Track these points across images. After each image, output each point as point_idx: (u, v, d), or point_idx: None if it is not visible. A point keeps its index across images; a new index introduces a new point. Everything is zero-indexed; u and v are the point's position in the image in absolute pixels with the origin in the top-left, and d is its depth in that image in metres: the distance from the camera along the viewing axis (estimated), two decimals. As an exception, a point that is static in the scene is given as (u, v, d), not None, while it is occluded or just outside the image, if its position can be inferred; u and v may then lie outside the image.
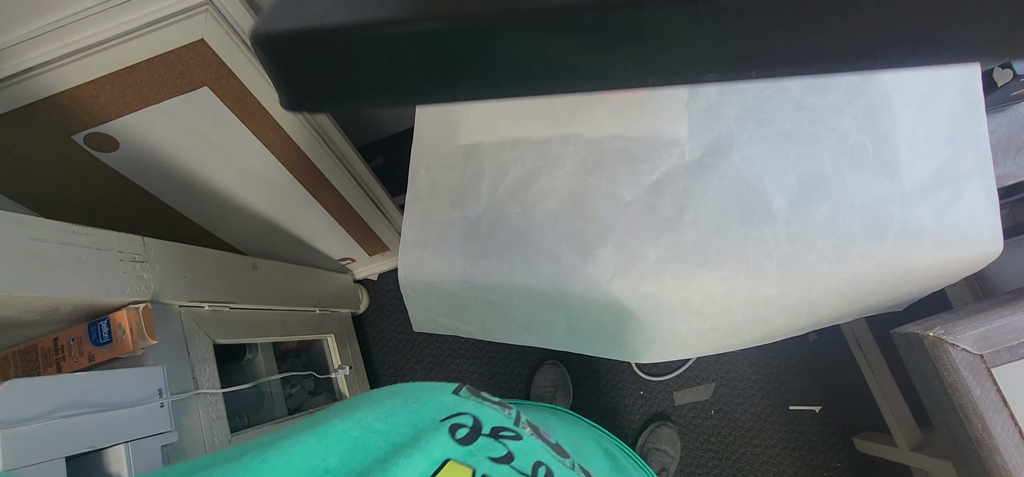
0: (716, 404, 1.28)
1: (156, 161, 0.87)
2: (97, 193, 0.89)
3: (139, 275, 0.69)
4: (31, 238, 0.57)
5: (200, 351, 0.77)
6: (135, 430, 0.61)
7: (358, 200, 1.11)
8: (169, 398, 0.66)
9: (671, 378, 1.30)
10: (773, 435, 1.24)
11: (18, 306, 0.59)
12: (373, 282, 1.46)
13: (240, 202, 1.03)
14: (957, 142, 0.45)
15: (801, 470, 1.22)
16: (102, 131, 0.79)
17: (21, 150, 0.78)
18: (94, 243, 0.64)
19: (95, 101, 0.74)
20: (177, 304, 0.75)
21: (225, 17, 0.73)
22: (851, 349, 1.19)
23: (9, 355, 0.70)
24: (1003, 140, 0.60)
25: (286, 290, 1.04)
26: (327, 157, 0.98)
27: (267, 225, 1.12)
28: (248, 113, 0.83)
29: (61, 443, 0.53)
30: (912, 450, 1.02)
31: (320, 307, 1.17)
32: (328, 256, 1.30)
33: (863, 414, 1.20)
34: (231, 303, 0.87)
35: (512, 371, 1.37)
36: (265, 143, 0.89)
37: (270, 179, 0.98)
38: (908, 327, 0.70)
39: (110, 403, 0.59)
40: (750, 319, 0.52)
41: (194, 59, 0.73)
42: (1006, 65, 0.53)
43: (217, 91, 0.78)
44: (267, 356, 1.03)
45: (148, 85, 0.74)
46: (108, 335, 0.66)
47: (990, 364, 0.63)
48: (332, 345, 1.22)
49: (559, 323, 0.60)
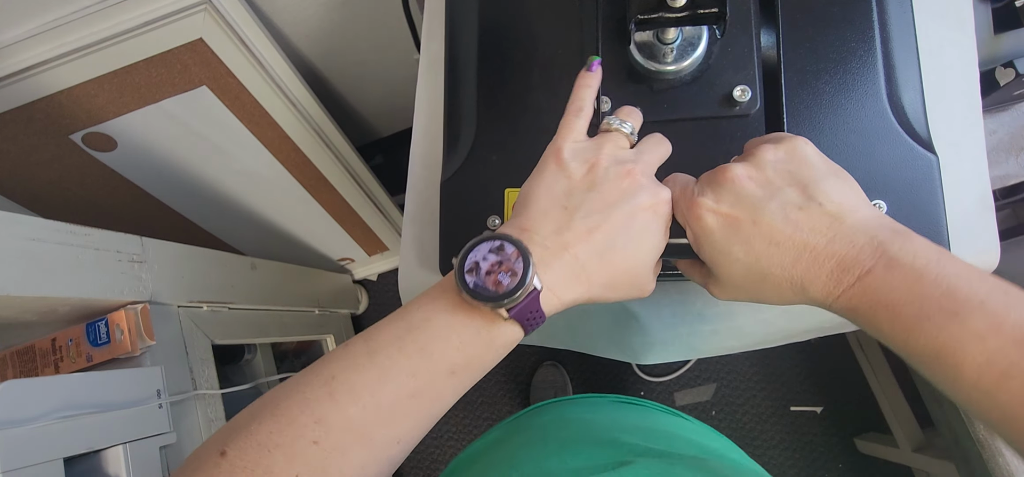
0: (717, 405, 1.27)
1: (154, 161, 0.87)
2: (95, 193, 0.89)
3: (137, 275, 0.69)
4: (29, 238, 0.57)
5: (198, 352, 0.76)
6: (133, 431, 0.60)
7: (357, 200, 1.10)
8: (167, 399, 0.66)
9: (672, 379, 1.30)
10: (774, 436, 1.23)
11: (16, 306, 0.59)
12: (372, 282, 1.46)
13: (239, 202, 1.02)
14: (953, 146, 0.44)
15: (803, 471, 1.21)
16: (100, 131, 0.79)
17: (19, 150, 0.78)
18: (92, 243, 0.63)
19: (93, 100, 0.74)
20: (175, 304, 0.75)
21: (224, 16, 0.73)
22: (853, 349, 1.19)
23: (7, 356, 0.70)
24: (1005, 140, 0.59)
25: (285, 290, 1.04)
26: (326, 157, 0.97)
27: (266, 225, 1.11)
28: (246, 112, 0.83)
29: (59, 444, 0.53)
30: (914, 451, 1.02)
31: (319, 307, 1.17)
32: (327, 256, 1.29)
33: (865, 415, 1.20)
34: (230, 303, 0.86)
35: (512, 371, 1.37)
36: (264, 142, 0.89)
37: (269, 178, 0.97)
38: (909, 327, 0.69)
39: (108, 404, 0.59)
40: (751, 321, 0.52)
41: (192, 58, 0.73)
42: (1008, 64, 0.53)
43: (216, 90, 0.78)
44: (266, 357, 1.03)
45: (146, 84, 0.74)
46: (106, 336, 0.65)
47: (992, 365, 0.63)
48: (331, 345, 1.22)
49: (559, 323, 0.59)
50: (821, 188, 0.29)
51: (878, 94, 0.41)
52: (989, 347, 0.23)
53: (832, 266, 0.27)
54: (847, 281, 0.27)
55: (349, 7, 0.89)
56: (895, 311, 0.25)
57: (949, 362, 0.24)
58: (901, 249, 0.26)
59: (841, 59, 0.42)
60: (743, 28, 0.43)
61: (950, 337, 0.24)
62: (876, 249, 0.27)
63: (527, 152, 0.45)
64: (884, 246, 0.27)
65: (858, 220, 0.28)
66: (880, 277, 0.26)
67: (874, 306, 0.26)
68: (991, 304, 0.24)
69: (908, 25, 0.43)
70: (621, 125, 0.33)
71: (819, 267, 0.28)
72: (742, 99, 0.42)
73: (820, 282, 0.28)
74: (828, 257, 0.27)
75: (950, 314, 0.24)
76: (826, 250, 0.27)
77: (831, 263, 0.27)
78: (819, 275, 0.28)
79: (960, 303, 0.24)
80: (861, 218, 0.28)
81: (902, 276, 0.26)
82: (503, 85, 0.47)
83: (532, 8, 0.48)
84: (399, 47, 1.01)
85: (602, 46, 0.43)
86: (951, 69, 0.45)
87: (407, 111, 0.61)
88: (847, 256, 0.27)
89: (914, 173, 0.40)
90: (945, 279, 0.25)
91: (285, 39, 0.90)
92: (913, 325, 0.25)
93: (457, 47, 0.50)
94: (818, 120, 0.41)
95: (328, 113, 0.95)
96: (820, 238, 0.28)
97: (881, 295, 0.26)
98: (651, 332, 0.54)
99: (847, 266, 0.27)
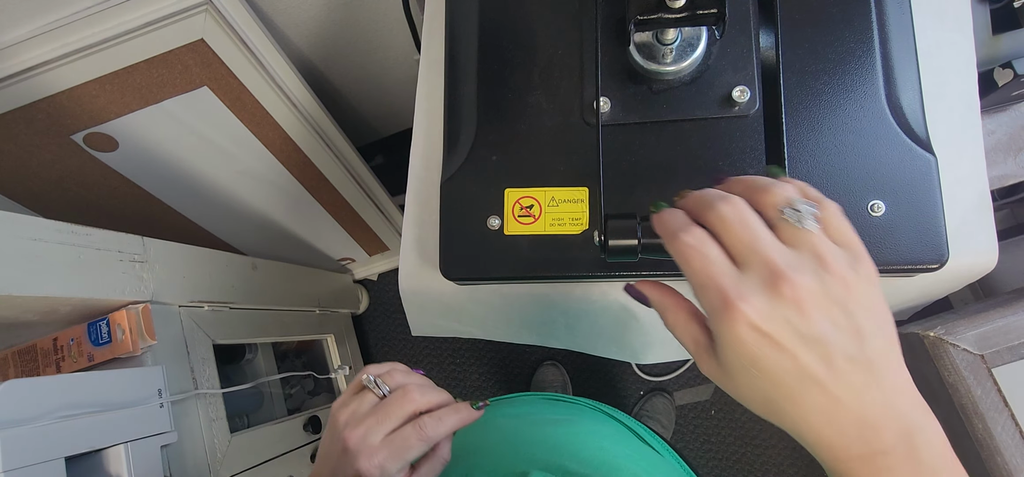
0: (716, 404, 1.28)
1: (155, 161, 0.87)
2: (96, 193, 0.89)
3: (138, 275, 0.69)
4: (30, 238, 0.57)
5: (199, 351, 0.76)
6: (134, 430, 0.61)
7: (358, 200, 1.11)
8: (168, 398, 0.66)
9: (671, 378, 1.30)
10: (773, 435, 1.24)
11: (17, 306, 0.59)
12: (373, 282, 1.46)
13: (240, 202, 1.02)
14: (952, 147, 0.44)
15: (801, 470, 1.22)
16: (101, 131, 0.79)
17: (20, 150, 0.78)
18: (93, 243, 0.63)
19: (94, 101, 0.74)
20: (176, 304, 0.75)
21: (224, 17, 0.73)
22: (851, 349, 1.19)
23: (8, 355, 0.70)
24: (1003, 140, 0.59)
25: (286, 290, 1.04)
26: (327, 157, 0.98)
27: (267, 225, 1.12)
28: (247, 113, 0.83)
29: (60, 443, 0.53)
30: (912, 450, 1.02)
31: (320, 307, 1.17)
32: (328, 256, 1.29)
33: (863, 414, 1.20)
34: (231, 303, 0.87)
35: (512, 371, 1.37)
36: (264, 143, 0.89)
37: (269, 179, 0.98)
38: (908, 327, 0.70)
39: (109, 403, 0.59)
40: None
41: (194, 59, 0.73)
42: (1007, 64, 0.53)
43: (217, 91, 0.78)
44: (267, 356, 1.03)
45: (148, 85, 0.74)
46: (107, 335, 0.66)
47: (991, 364, 0.63)
48: (332, 345, 1.22)
49: (559, 323, 0.60)
50: (874, 343, 0.24)
51: (877, 95, 0.41)
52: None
53: (852, 425, 0.24)
54: (858, 451, 0.24)
55: (350, 8, 0.89)
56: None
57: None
58: (927, 444, 0.24)
59: (840, 60, 0.42)
60: (742, 29, 0.43)
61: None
62: (903, 432, 0.24)
63: (527, 152, 0.45)
64: (911, 435, 0.24)
65: (894, 384, 0.25)
66: (895, 466, 0.24)
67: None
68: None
69: (907, 26, 0.43)
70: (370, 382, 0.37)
71: (840, 422, 0.24)
72: (741, 100, 0.42)
73: (833, 436, 0.24)
74: (854, 417, 0.24)
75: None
76: (855, 404, 0.24)
77: (855, 424, 0.24)
78: (833, 431, 0.24)
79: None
80: (897, 383, 0.25)
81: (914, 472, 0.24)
82: (503, 85, 0.47)
83: (532, 8, 0.48)
84: (399, 47, 1.01)
85: (601, 46, 0.43)
86: (949, 70, 0.46)
87: (407, 111, 0.61)
88: (874, 424, 0.24)
89: (913, 173, 0.40)
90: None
91: (286, 39, 0.90)
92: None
93: (457, 47, 0.50)
94: (817, 120, 0.42)
95: (329, 113, 0.95)
96: (852, 394, 0.24)
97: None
98: (651, 332, 0.55)
99: (867, 437, 0.24)
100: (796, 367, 0.24)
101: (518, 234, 0.44)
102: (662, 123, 0.43)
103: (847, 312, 0.24)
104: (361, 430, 0.34)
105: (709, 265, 0.25)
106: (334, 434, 0.36)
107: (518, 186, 0.45)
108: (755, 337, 0.24)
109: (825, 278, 0.24)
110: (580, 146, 0.44)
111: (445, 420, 0.36)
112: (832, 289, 0.24)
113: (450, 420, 0.36)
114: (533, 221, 0.44)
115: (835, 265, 0.24)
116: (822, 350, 0.24)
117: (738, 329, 0.24)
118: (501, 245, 0.44)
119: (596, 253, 0.43)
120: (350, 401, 0.36)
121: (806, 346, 0.24)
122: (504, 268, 0.44)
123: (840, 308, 0.24)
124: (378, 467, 0.33)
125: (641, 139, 0.44)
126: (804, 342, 0.24)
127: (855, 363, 0.24)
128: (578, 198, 0.44)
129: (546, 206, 0.44)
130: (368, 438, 0.34)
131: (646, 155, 0.43)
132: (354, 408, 0.36)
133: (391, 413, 0.35)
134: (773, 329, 0.24)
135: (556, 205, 0.44)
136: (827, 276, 0.24)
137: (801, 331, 0.24)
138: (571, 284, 0.51)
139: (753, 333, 0.24)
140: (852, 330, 0.24)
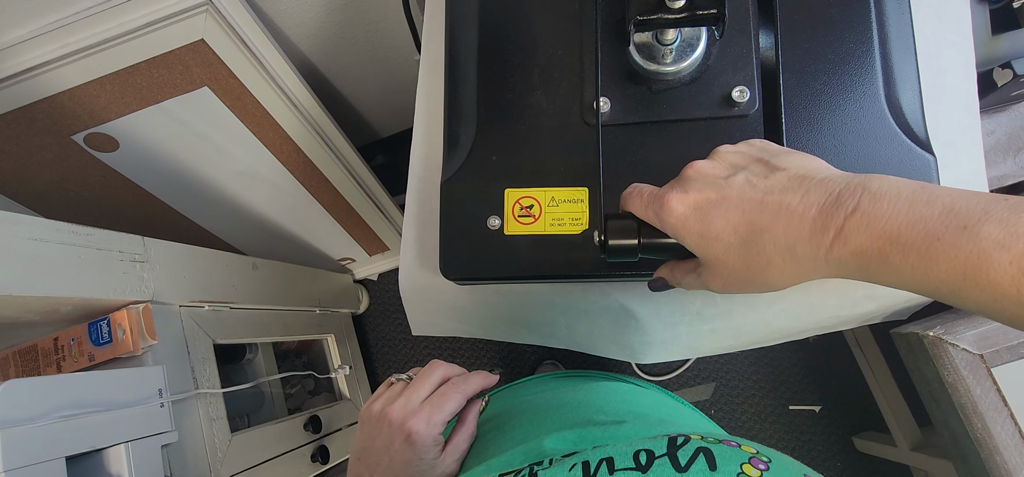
0: (716, 404, 1.28)
1: (156, 161, 0.87)
2: (97, 193, 0.89)
3: (139, 275, 0.69)
4: (31, 238, 0.57)
5: (200, 351, 0.77)
6: (135, 430, 0.61)
7: (358, 200, 1.11)
8: (169, 398, 0.66)
9: (671, 378, 1.30)
10: (773, 435, 1.24)
11: (18, 306, 0.59)
12: (373, 282, 1.46)
13: (240, 202, 1.03)
14: (951, 147, 0.45)
15: (801, 470, 1.22)
16: (102, 131, 0.79)
17: (21, 150, 0.78)
18: (94, 243, 0.64)
19: (95, 101, 0.74)
20: (177, 304, 0.75)
21: (225, 17, 0.73)
22: (851, 349, 1.19)
23: (9, 355, 0.70)
24: (1003, 140, 0.60)
25: (286, 290, 1.04)
26: (327, 157, 0.98)
27: (267, 225, 1.12)
28: (248, 113, 0.83)
29: (61, 443, 0.53)
30: (912, 450, 1.02)
31: (320, 307, 1.17)
32: (328, 256, 1.30)
33: (863, 414, 1.20)
34: (231, 303, 0.87)
35: (512, 371, 1.37)
36: (265, 143, 0.89)
37: (270, 179, 0.98)
38: (908, 327, 0.70)
39: (110, 403, 0.59)
40: (749, 321, 0.52)
41: (194, 59, 0.73)
42: (1006, 65, 0.53)
43: (217, 91, 0.78)
44: (267, 356, 1.03)
45: (148, 85, 0.74)
46: (108, 335, 0.66)
47: (990, 364, 0.63)
48: (332, 345, 1.22)
49: (559, 323, 0.60)
50: (783, 159, 0.29)
51: (876, 95, 0.41)
52: (1015, 253, 0.21)
53: (813, 215, 0.26)
54: (835, 225, 0.25)
55: (350, 8, 0.89)
56: (901, 241, 0.23)
57: (981, 280, 0.21)
58: (882, 183, 0.25)
59: (839, 60, 0.42)
60: (742, 29, 0.43)
61: (970, 252, 0.21)
62: (855, 189, 0.25)
63: (527, 152, 0.45)
64: (863, 184, 0.25)
65: (828, 174, 0.27)
66: (870, 211, 0.24)
67: (877, 242, 0.24)
68: (996, 211, 0.22)
69: (906, 26, 0.43)
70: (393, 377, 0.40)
71: (800, 221, 0.26)
72: (741, 100, 0.42)
73: (806, 235, 0.26)
74: (806, 208, 0.26)
75: (959, 229, 0.22)
76: (802, 203, 0.26)
77: (812, 212, 0.26)
78: (803, 229, 0.26)
79: (965, 217, 0.22)
80: (831, 173, 0.27)
81: (893, 205, 0.24)
82: (503, 85, 0.47)
83: (532, 8, 0.48)
84: (399, 47, 1.01)
85: (601, 46, 0.44)
86: (949, 70, 0.46)
87: (407, 111, 0.61)
88: (826, 202, 0.26)
89: (912, 173, 0.40)
90: (938, 199, 0.23)
91: (286, 40, 0.90)
92: (925, 251, 0.23)
93: (457, 47, 0.50)
94: (816, 121, 0.42)
95: (329, 114, 0.95)
96: (792, 196, 0.27)
97: (878, 227, 0.24)
98: (650, 331, 0.55)
99: (829, 211, 0.25)
100: (732, 204, 0.29)
101: (518, 234, 0.44)
102: (662, 123, 0.44)
103: (747, 155, 0.31)
104: (400, 401, 0.37)
105: (643, 193, 0.33)
106: (371, 424, 0.38)
107: (518, 186, 0.45)
108: (685, 206, 0.30)
109: (715, 153, 0.32)
110: (580, 146, 0.44)
111: (471, 379, 0.40)
112: (724, 152, 0.32)
113: (475, 379, 0.40)
114: (533, 221, 0.44)
115: (721, 147, 0.32)
116: (740, 180, 0.29)
117: (675, 212, 0.30)
118: (501, 245, 0.44)
119: (596, 253, 0.43)
120: (380, 393, 0.39)
121: (724, 185, 0.29)
122: (504, 268, 0.44)
123: (736, 155, 0.31)
124: (425, 420, 0.36)
125: (641, 139, 0.44)
126: (720, 184, 0.29)
127: (774, 176, 0.28)
128: (578, 198, 0.44)
129: (546, 206, 0.44)
130: (409, 404, 0.37)
131: (646, 155, 0.43)
132: (386, 395, 0.39)
133: (423, 382, 0.38)
134: (698, 196, 0.30)
135: (556, 205, 0.44)
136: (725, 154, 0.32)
137: (718, 177, 0.30)
138: (571, 284, 0.51)
139: (687, 207, 0.30)
140: (754, 158, 0.30)
